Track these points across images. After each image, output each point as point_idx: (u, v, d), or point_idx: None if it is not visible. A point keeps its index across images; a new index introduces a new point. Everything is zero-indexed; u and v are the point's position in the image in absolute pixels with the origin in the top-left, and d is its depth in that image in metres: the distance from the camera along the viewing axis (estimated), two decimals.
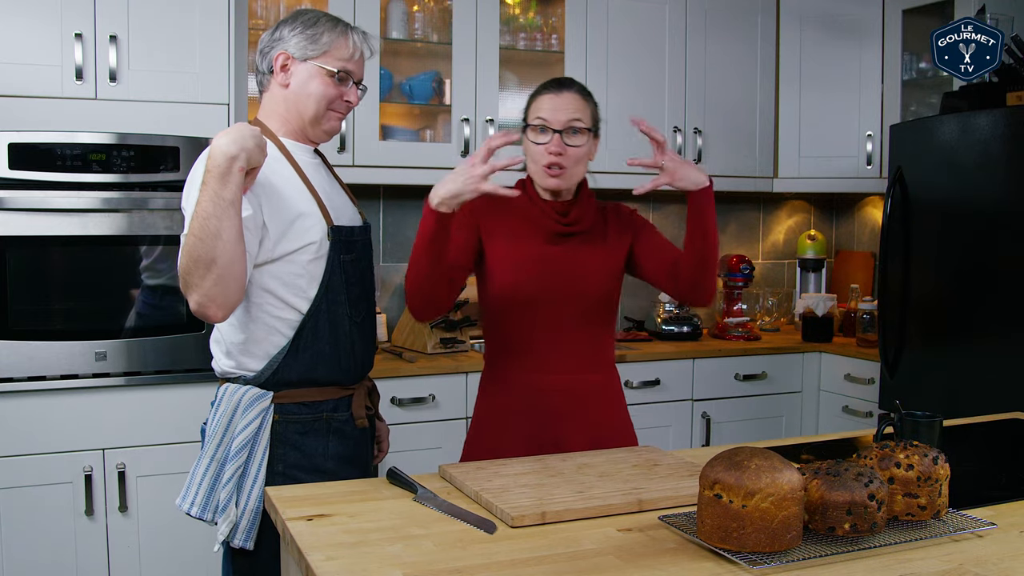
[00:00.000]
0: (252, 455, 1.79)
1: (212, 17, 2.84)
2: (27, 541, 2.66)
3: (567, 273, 1.97)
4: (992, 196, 2.96)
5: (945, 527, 1.38)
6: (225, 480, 1.78)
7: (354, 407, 1.91)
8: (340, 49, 1.87)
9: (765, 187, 4.01)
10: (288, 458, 1.82)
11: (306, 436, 1.84)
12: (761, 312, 4.22)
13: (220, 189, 1.60)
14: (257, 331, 1.82)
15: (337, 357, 1.86)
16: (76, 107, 2.71)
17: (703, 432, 3.58)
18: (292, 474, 1.82)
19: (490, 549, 1.32)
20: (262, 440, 1.80)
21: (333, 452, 1.87)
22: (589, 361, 2.02)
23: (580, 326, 1.99)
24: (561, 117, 1.93)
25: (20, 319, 2.64)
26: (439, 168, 3.36)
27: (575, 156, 1.94)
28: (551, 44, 3.67)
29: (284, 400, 1.82)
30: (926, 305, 3.22)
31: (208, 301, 1.63)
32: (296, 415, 1.83)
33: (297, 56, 1.86)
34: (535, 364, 1.98)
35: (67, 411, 2.69)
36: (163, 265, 2.80)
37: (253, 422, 1.79)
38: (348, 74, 1.89)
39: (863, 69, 3.86)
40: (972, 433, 2.18)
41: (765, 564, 1.22)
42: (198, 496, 1.80)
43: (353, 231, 1.89)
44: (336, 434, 1.88)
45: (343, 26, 1.90)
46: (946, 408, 2.24)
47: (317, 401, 1.85)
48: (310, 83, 1.86)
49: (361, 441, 1.95)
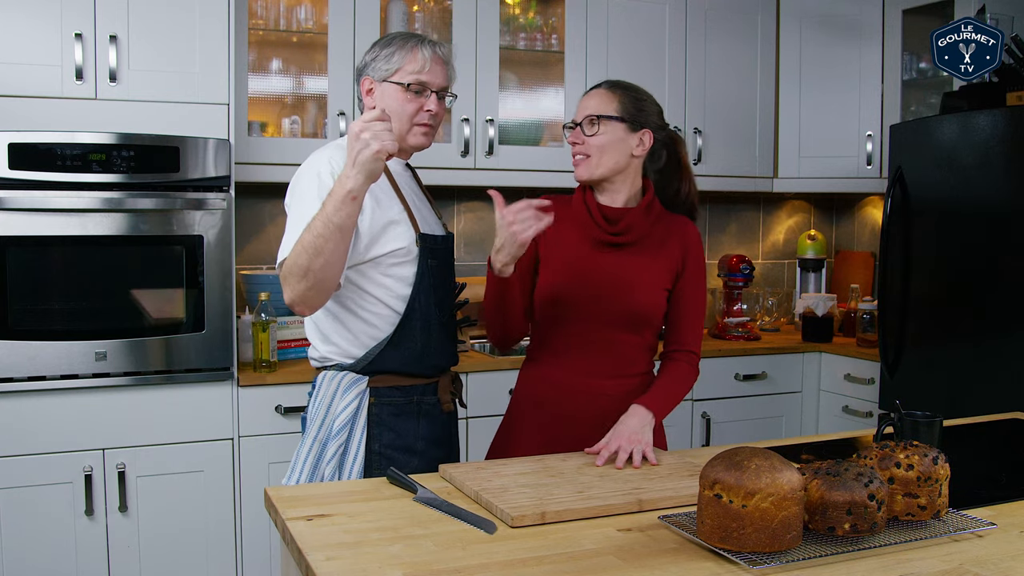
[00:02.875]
0: (352, 434, 1.94)
1: (212, 17, 2.84)
2: (27, 541, 2.66)
3: (610, 283, 1.97)
4: (992, 196, 2.96)
5: (945, 527, 1.38)
6: (328, 457, 1.92)
7: (440, 392, 2.05)
8: (411, 63, 1.96)
9: (765, 187, 4.01)
10: (383, 438, 1.96)
11: (399, 418, 1.98)
12: (761, 312, 4.22)
13: (332, 214, 1.71)
14: (354, 324, 1.95)
15: (427, 353, 2.00)
16: (76, 107, 2.71)
17: (703, 432, 3.58)
18: (388, 453, 1.95)
19: (490, 549, 1.32)
20: (360, 420, 1.95)
21: (424, 433, 2.01)
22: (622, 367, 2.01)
23: (620, 334, 1.99)
24: (582, 111, 2.00)
25: (20, 319, 2.64)
26: (439, 168, 3.37)
27: (595, 145, 1.96)
28: (551, 44, 3.67)
29: (379, 384, 1.96)
30: (926, 305, 3.22)
31: (300, 302, 1.79)
32: (390, 398, 1.97)
33: (377, 78, 1.99)
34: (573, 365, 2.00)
35: (67, 411, 2.69)
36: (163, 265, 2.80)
37: (352, 403, 1.94)
38: (423, 85, 1.97)
39: (863, 69, 3.86)
40: (972, 433, 2.18)
41: (765, 564, 1.22)
42: (303, 475, 1.92)
43: (437, 239, 2.02)
44: (426, 416, 2.02)
45: (414, 41, 1.98)
46: (946, 408, 2.24)
47: (408, 386, 1.99)
48: (390, 101, 1.97)
49: (447, 424, 2.09)
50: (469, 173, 3.43)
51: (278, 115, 3.38)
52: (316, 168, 1.89)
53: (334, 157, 1.90)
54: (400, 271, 1.95)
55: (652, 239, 2.02)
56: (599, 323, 1.98)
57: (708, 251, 4.29)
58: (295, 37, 3.35)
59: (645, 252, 2.01)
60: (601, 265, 1.98)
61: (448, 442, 2.10)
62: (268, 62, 3.33)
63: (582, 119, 1.99)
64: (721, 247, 4.30)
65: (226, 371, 2.85)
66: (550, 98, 3.71)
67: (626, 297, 1.97)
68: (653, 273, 2.00)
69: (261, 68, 3.32)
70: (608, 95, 2.00)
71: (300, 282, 1.75)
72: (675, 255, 2.03)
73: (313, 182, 1.87)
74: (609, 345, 1.99)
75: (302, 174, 1.92)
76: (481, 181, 3.43)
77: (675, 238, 2.05)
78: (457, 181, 3.43)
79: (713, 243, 4.30)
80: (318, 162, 1.91)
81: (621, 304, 1.97)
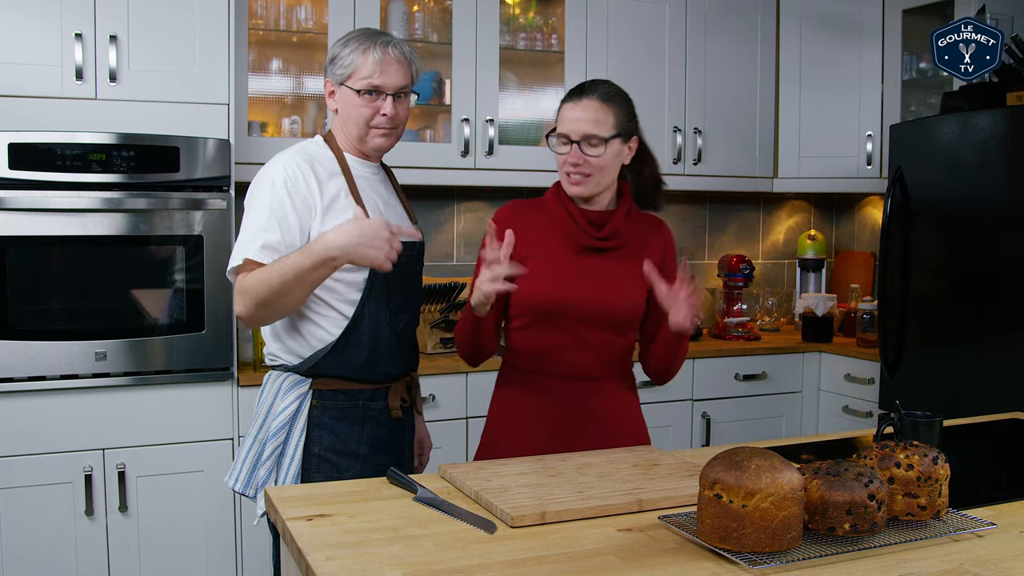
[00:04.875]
0: (290, 436, 1.92)
1: (212, 17, 2.84)
2: (27, 541, 2.66)
3: (597, 288, 1.94)
4: (992, 196, 2.96)
5: (945, 527, 1.38)
6: (264, 458, 1.92)
7: (390, 398, 2.02)
8: (363, 66, 1.93)
9: (765, 187, 4.01)
10: (323, 441, 1.94)
11: (341, 422, 1.95)
12: (761, 312, 4.22)
13: (309, 271, 1.75)
14: (302, 324, 1.94)
15: (374, 363, 1.97)
16: (76, 107, 2.71)
17: (703, 432, 3.58)
18: (327, 456, 1.94)
19: (490, 549, 1.32)
20: (299, 422, 1.93)
21: (367, 438, 1.98)
22: (611, 369, 2.00)
23: (607, 338, 1.97)
24: (579, 128, 1.90)
25: (20, 319, 2.64)
26: (439, 168, 3.37)
27: (597, 165, 1.91)
28: (551, 44, 3.67)
29: (323, 387, 1.95)
30: (926, 305, 3.22)
31: (248, 320, 1.83)
32: (332, 401, 1.95)
33: (335, 82, 1.98)
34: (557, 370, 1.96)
35: (67, 411, 2.69)
36: (163, 265, 2.80)
37: (291, 405, 1.92)
38: (377, 88, 1.94)
39: (863, 69, 3.86)
40: (972, 433, 2.18)
41: (765, 564, 1.22)
42: (242, 473, 1.94)
43: None
44: (371, 422, 1.99)
45: (368, 42, 1.94)
46: (946, 408, 2.24)
47: (354, 390, 1.97)
48: (347, 106, 1.97)
49: (395, 429, 2.05)
50: (469, 173, 3.43)
51: (278, 115, 3.38)
52: (271, 175, 1.90)
53: (290, 164, 1.91)
54: (350, 276, 1.92)
55: (634, 241, 2.01)
56: (587, 328, 1.95)
57: (708, 251, 4.29)
58: (295, 37, 3.35)
59: (628, 254, 1.98)
60: (587, 270, 1.95)
61: (397, 448, 2.06)
62: (268, 62, 3.33)
63: (579, 138, 1.90)
64: (721, 247, 4.30)
65: (226, 371, 2.85)
66: (550, 98, 3.71)
67: (614, 301, 1.95)
68: (637, 275, 1.95)
69: (261, 68, 3.32)
70: (604, 109, 1.92)
71: (255, 307, 1.79)
72: (656, 257, 1.98)
73: (266, 189, 1.88)
74: (595, 349, 1.97)
75: (259, 180, 1.93)
76: (481, 181, 3.43)
77: (654, 239, 2.04)
78: (457, 181, 3.43)
79: (713, 243, 4.30)
80: (274, 168, 1.91)
81: (609, 308, 1.95)
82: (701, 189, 3.92)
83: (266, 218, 1.85)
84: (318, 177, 1.92)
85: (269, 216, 1.85)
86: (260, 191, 1.90)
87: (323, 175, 1.93)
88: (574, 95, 1.95)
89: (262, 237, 1.84)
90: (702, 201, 4.25)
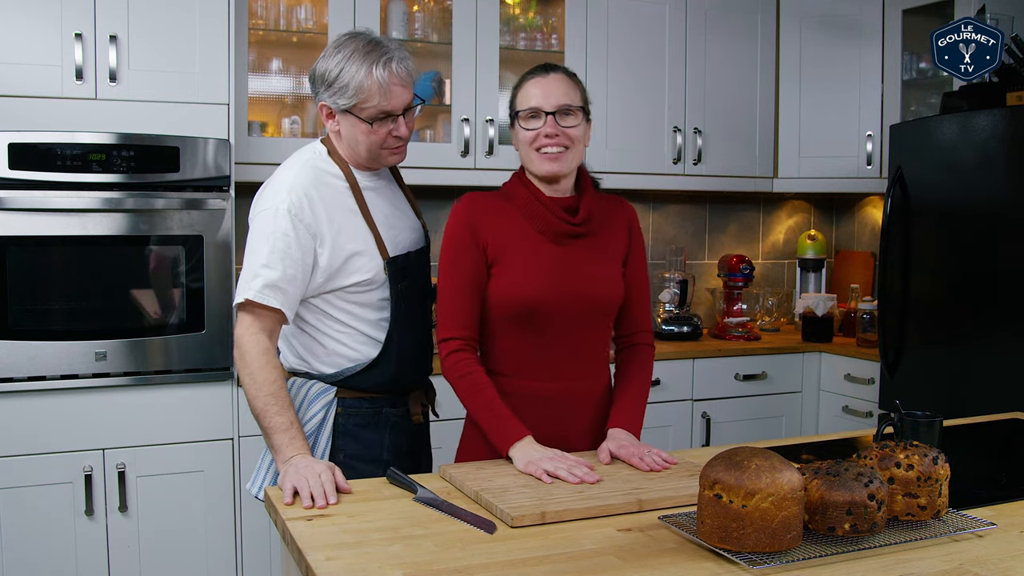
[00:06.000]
0: (316, 444, 1.92)
1: (212, 17, 2.84)
2: (27, 541, 2.66)
3: (578, 277, 1.86)
4: (992, 196, 2.96)
5: (945, 527, 1.38)
6: None
7: (411, 404, 2.02)
8: (369, 93, 1.84)
9: (765, 187, 4.01)
10: (349, 448, 1.94)
11: (365, 429, 1.95)
12: (761, 312, 4.22)
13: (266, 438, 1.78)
14: (324, 346, 1.94)
15: (400, 373, 1.97)
16: (76, 107, 2.71)
17: (703, 432, 3.58)
18: (352, 464, 1.90)
19: (490, 549, 1.32)
20: (325, 430, 1.93)
21: (390, 444, 1.98)
22: (594, 364, 1.94)
23: (590, 330, 1.90)
24: (552, 100, 1.83)
25: (20, 319, 2.64)
26: (439, 168, 3.37)
27: (574, 136, 1.85)
28: (551, 44, 3.67)
29: (347, 395, 1.94)
30: (926, 305, 3.22)
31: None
32: (356, 409, 1.95)
33: (335, 108, 1.89)
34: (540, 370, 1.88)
35: (67, 411, 2.69)
36: (163, 265, 2.80)
37: (318, 414, 1.92)
38: (387, 113, 1.87)
39: (863, 69, 3.86)
40: (972, 433, 2.18)
41: (765, 564, 1.22)
42: (265, 481, 1.93)
43: (408, 257, 1.97)
44: (393, 428, 1.99)
45: (368, 61, 1.83)
46: (946, 408, 2.24)
47: (377, 397, 1.96)
48: (354, 132, 1.89)
49: (417, 435, 2.06)
50: (469, 173, 3.43)
51: (278, 115, 3.38)
52: (275, 202, 1.83)
53: (295, 190, 1.84)
54: (366, 297, 1.91)
55: (603, 222, 1.93)
56: (572, 319, 1.86)
57: (708, 251, 4.29)
58: (295, 37, 3.35)
59: (600, 238, 1.92)
60: (566, 259, 1.86)
61: (417, 453, 2.06)
62: (268, 62, 3.33)
63: (554, 108, 1.82)
64: (721, 247, 4.30)
65: (226, 371, 2.85)
66: None
67: (597, 288, 1.88)
68: (611, 258, 1.92)
69: (261, 68, 3.32)
70: (570, 83, 1.87)
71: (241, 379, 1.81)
72: (622, 237, 1.95)
73: (269, 217, 1.82)
74: (580, 341, 1.88)
75: (263, 204, 1.86)
76: (481, 181, 3.43)
77: (619, 219, 1.97)
78: (457, 181, 3.43)
79: (713, 243, 4.30)
80: (279, 195, 1.84)
81: (593, 296, 1.88)
82: (701, 189, 3.92)
83: (267, 252, 1.80)
84: (325, 203, 1.87)
85: (271, 251, 1.80)
86: (263, 219, 1.84)
87: (330, 199, 1.88)
88: (539, 72, 1.89)
89: (263, 275, 1.79)
90: (702, 201, 4.25)
